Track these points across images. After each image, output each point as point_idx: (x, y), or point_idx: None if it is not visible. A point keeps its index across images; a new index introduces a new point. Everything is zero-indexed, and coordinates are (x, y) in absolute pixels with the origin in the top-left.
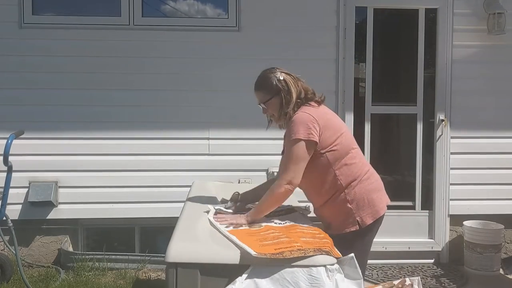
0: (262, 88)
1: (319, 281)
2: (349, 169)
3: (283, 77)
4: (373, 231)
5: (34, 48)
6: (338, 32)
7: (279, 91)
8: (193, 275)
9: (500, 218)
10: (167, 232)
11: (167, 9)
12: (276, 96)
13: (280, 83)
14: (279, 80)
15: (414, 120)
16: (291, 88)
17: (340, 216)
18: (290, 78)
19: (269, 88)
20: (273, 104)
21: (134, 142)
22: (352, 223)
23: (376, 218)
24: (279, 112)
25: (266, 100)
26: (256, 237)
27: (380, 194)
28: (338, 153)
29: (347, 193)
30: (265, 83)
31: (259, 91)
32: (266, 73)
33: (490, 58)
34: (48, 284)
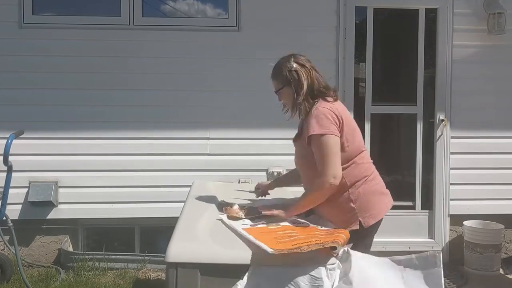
0: (275, 77)
1: (319, 281)
2: (356, 169)
3: (295, 67)
4: (373, 233)
5: (34, 48)
6: (338, 32)
7: (290, 82)
8: (193, 275)
9: (500, 218)
10: (167, 232)
11: (167, 9)
12: (288, 86)
13: (291, 73)
14: (290, 70)
15: (414, 120)
16: (302, 80)
17: (341, 214)
18: (302, 69)
19: (281, 77)
20: (285, 93)
21: (134, 142)
22: (354, 222)
23: (377, 220)
24: (292, 102)
25: (278, 88)
26: (273, 236)
27: (383, 197)
28: (349, 152)
29: (351, 192)
30: (277, 72)
31: (273, 80)
32: (281, 61)
33: (490, 58)
34: (48, 284)
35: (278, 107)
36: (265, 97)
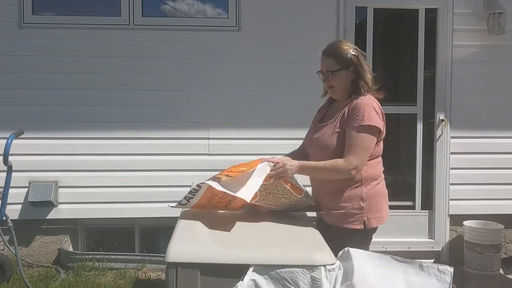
0: (334, 56)
1: (319, 281)
2: (374, 168)
3: (355, 52)
4: (371, 236)
5: (34, 48)
6: (338, 32)
7: (350, 66)
8: (193, 275)
9: (500, 218)
10: (167, 232)
11: (167, 9)
12: (345, 70)
13: (353, 58)
14: (353, 55)
15: (414, 120)
16: (364, 64)
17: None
18: (361, 56)
19: (342, 59)
20: (338, 76)
21: (134, 142)
22: (359, 221)
23: (380, 223)
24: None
25: (334, 69)
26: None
27: (386, 203)
28: (375, 151)
29: (364, 191)
30: (338, 52)
31: (329, 58)
32: (340, 43)
33: (490, 58)
34: (48, 284)
35: (278, 106)
36: (265, 97)
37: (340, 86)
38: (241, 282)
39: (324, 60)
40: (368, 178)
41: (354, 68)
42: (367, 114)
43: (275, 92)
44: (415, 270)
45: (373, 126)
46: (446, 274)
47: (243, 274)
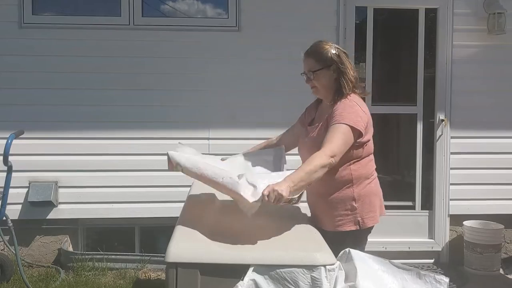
0: (314, 56)
1: (319, 281)
2: (364, 169)
3: (336, 51)
4: (367, 236)
5: (34, 48)
6: (338, 32)
7: (331, 65)
8: (193, 275)
9: (500, 218)
10: (167, 232)
11: (167, 9)
12: (327, 69)
13: (335, 56)
14: (333, 53)
15: (414, 120)
16: (347, 63)
17: (341, 212)
18: (343, 54)
19: (322, 58)
20: (320, 76)
21: (134, 142)
22: (353, 222)
23: (375, 223)
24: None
25: (315, 69)
26: None
27: (380, 202)
28: (363, 151)
29: (356, 191)
30: (319, 52)
31: (310, 58)
32: (321, 43)
33: (490, 58)
34: (48, 284)
35: (278, 107)
36: (265, 97)
37: (323, 85)
38: (241, 282)
39: (305, 60)
40: (359, 178)
41: (335, 67)
42: (346, 114)
43: (275, 92)
44: (413, 278)
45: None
46: (442, 284)
47: (243, 274)
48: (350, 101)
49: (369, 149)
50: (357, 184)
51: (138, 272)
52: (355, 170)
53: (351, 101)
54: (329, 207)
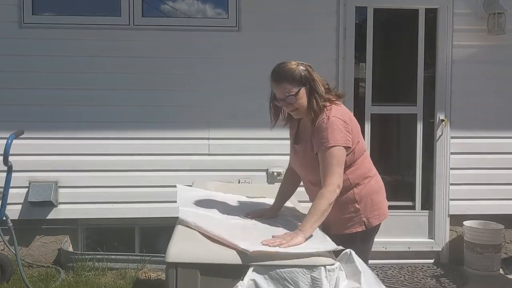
0: (288, 80)
1: (319, 281)
2: (359, 170)
3: (304, 67)
4: (374, 235)
5: (34, 48)
6: (338, 32)
7: (306, 83)
8: (193, 275)
9: (500, 218)
10: (167, 232)
11: (167, 9)
12: (304, 87)
13: (307, 73)
14: (303, 70)
15: (414, 120)
16: (316, 78)
17: (345, 215)
18: (309, 68)
19: (297, 79)
20: (300, 96)
21: (134, 142)
22: (358, 223)
23: (381, 220)
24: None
25: (294, 92)
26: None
27: (384, 197)
28: (355, 155)
29: (356, 193)
30: (290, 74)
31: (284, 83)
32: (286, 65)
33: (490, 58)
34: (48, 284)
35: None
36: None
37: (303, 105)
38: (241, 282)
39: (278, 87)
40: (356, 182)
41: (309, 84)
42: (330, 135)
43: None
44: None
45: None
46: None
47: (243, 274)
48: (330, 118)
49: (360, 150)
50: (356, 187)
51: (138, 272)
52: (352, 173)
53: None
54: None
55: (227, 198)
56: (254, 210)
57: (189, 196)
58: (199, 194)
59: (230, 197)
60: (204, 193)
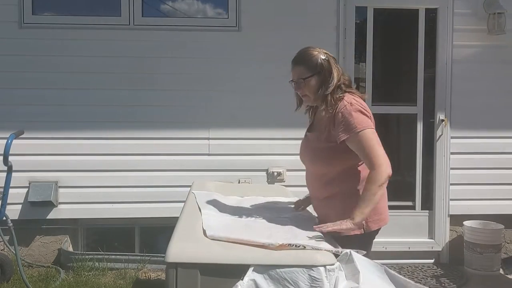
0: (304, 64)
1: (319, 281)
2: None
3: (325, 57)
4: (373, 239)
5: (34, 48)
6: (338, 32)
7: (321, 71)
8: (193, 275)
9: (500, 218)
10: (167, 232)
11: (167, 9)
12: (317, 75)
13: (324, 62)
14: (323, 59)
15: (414, 120)
16: (333, 70)
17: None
18: (332, 59)
19: (312, 65)
20: (311, 83)
21: (134, 142)
22: None
23: (380, 226)
24: (317, 93)
25: (305, 77)
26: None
27: (386, 203)
28: None
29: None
30: (308, 59)
31: (299, 66)
32: (308, 50)
33: (490, 58)
34: (48, 284)
35: (278, 107)
36: (265, 97)
37: (314, 92)
38: (241, 282)
39: (294, 68)
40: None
41: (325, 73)
42: (356, 120)
43: (276, 92)
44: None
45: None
46: None
47: (243, 274)
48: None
49: None
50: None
51: (138, 272)
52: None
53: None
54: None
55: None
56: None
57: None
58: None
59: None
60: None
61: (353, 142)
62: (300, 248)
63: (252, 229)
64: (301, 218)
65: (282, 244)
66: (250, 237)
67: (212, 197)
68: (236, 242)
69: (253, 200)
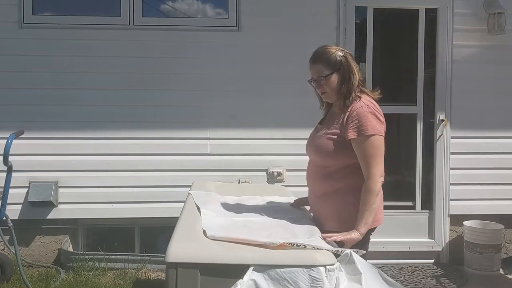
0: (322, 61)
1: (319, 281)
2: None
3: (343, 53)
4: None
5: (34, 48)
6: (338, 32)
7: (340, 67)
8: (193, 275)
9: (500, 218)
10: (167, 232)
11: (167, 9)
12: (337, 72)
13: (342, 59)
14: (341, 56)
15: (414, 120)
16: (353, 66)
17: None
18: (349, 56)
19: (331, 62)
20: (332, 80)
21: (134, 142)
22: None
23: (377, 224)
24: (340, 90)
25: (325, 74)
26: None
27: (382, 204)
28: None
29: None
30: (326, 57)
31: (318, 64)
32: (326, 47)
33: (490, 58)
34: (48, 284)
35: (278, 107)
36: (265, 97)
37: (333, 90)
38: (241, 281)
39: (313, 67)
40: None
41: (343, 70)
42: (370, 123)
43: (275, 92)
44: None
45: (375, 135)
46: None
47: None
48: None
49: None
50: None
51: (138, 272)
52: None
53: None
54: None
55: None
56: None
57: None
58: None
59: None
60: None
61: (359, 144)
62: (300, 247)
63: (251, 229)
64: (300, 217)
65: (282, 244)
66: (250, 236)
67: (209, 197)
68: (237, 242)
69: (250, 199)
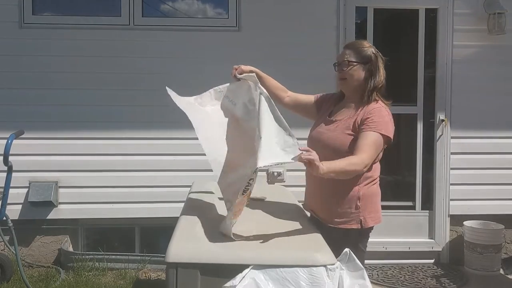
0: (354, 49)
1: (320, 280)
2: (374, 170)
3: (376, 52)
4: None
5: (34, 48)
6: (338, 32)
7: (368, 62)
8: (193, 275)
9: (500, 218)
10: (167, 232)
11: (167, 9)
12: (363, 65)
13: (373, 56)
14: (373, 52)
15: (414, 120)
16: (381, 67)
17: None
18: (380, 58)
19: (362, 54)
20: (355, 69)
21: (134, 142)
22: (355, 220)
23: (376, 223)
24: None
25: (351, 60)
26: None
27: (380, 203)
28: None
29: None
30: (358, 47)
31: (349, 50)
32: (362, 41)
33: (490, 58)
34: (48, 284)
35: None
36: None
37: (353, 80)
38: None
39: (343, 51)
40: (367, 178)
41: (370, 67)
42: (385, 124)
43: None
44: None
45: (387, 137)
46: None
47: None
48: (384, 109)
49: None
50: (364, 183)
51: (138, 272)
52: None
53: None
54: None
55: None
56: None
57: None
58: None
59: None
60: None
61: (363, 133)
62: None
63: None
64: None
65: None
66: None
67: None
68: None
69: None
